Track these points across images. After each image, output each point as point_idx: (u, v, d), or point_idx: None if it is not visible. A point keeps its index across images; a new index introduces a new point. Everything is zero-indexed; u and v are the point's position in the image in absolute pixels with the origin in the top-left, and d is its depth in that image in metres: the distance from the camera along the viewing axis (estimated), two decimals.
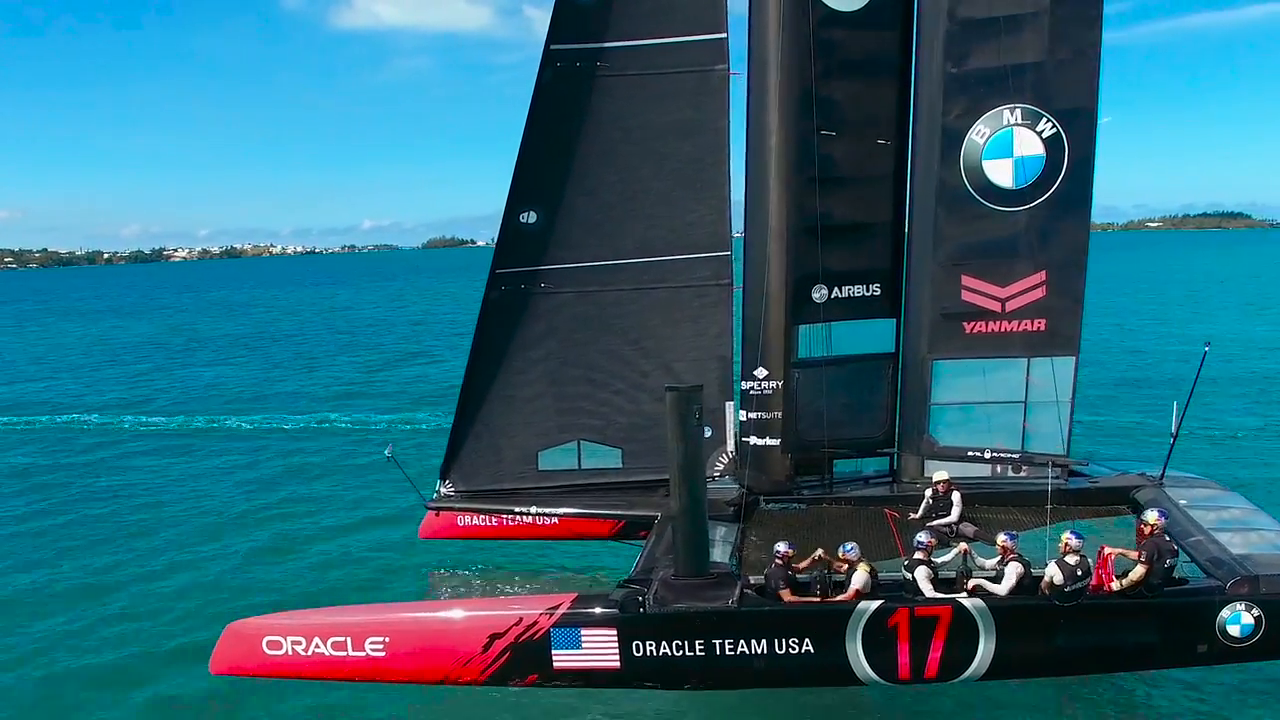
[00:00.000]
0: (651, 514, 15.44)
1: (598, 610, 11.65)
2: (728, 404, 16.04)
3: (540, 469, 16.45)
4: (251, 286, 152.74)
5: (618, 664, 11.53)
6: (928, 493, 14.24)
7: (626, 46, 15.49)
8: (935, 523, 13.71)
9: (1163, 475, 14.79)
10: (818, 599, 11.45)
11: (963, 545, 12.15)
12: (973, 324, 15.37)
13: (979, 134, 15.19)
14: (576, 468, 16.44)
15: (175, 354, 59.42)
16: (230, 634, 12.12)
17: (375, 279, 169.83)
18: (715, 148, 15.75)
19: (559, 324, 16.20)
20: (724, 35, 15.00)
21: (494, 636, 11.67)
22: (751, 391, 15.31)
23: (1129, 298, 75.80)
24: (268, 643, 11.86)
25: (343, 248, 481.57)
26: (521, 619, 11.67)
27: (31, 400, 41.85)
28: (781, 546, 11.64)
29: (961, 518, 13.73)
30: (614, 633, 11.52)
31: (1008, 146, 15.13)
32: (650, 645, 11.47)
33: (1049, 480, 14.17)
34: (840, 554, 11.65)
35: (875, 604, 11.32)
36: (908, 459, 15.90)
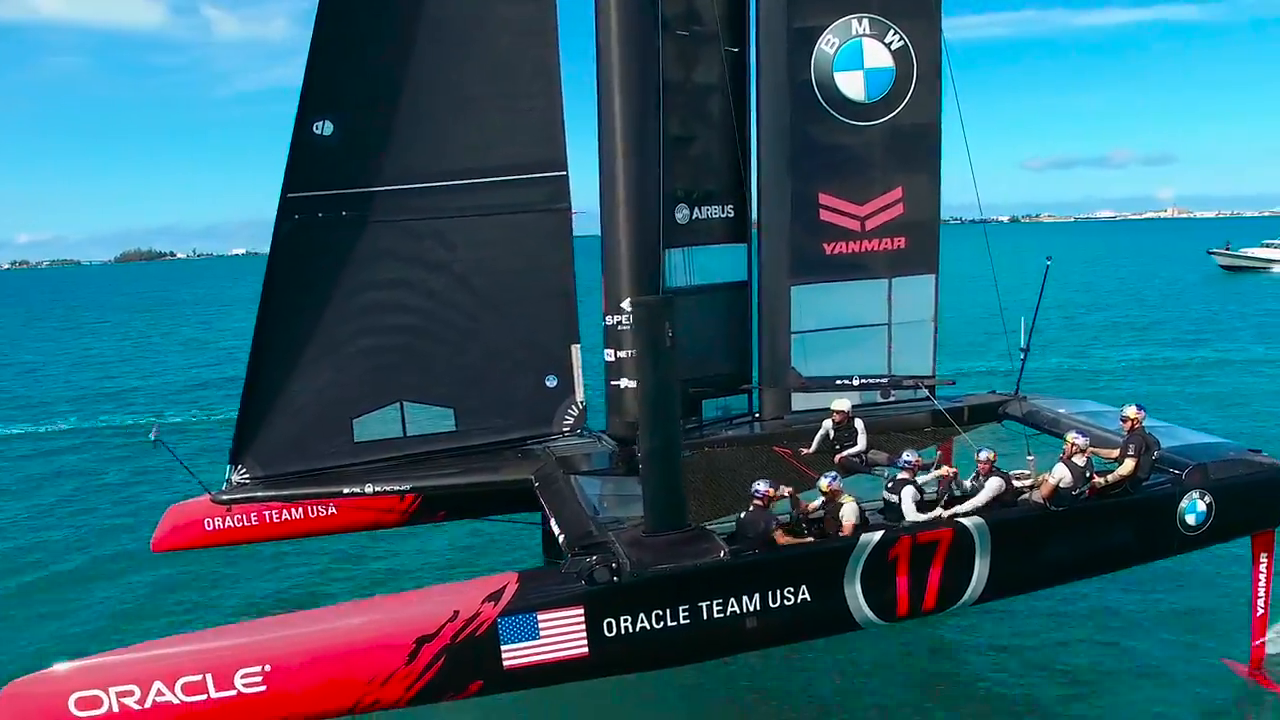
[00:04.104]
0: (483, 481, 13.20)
1: (558, 587, 9.32)
2: (573, 347, 14.03)
3: (357, 440, 13.46)
4: None
5: (586, 650, 9.29)
6: (826, 424, 13.19)
7: None
8: (845, 453, 12.72)
9: (1017, 389, 14.89)
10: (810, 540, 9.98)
11: (945, 470, 11.16)
12: (833, 245, 14.51)
13: (829, 44, 14.28)
14: (402, 435, 13.65)
15: None
16: (11, 700, 8.46)
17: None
18: (542, 46, 13.54)
19: (367, 261, 13.27)
20: None
21: (422, 640, 9.00)
22: (619, 327, 13.40)
23: None
24: (78, 701, 8.38)
25: (14, 264, 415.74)
26: (457, 613, 9.08)
27: None
28: (761, 486, 9.95)
29: (869, 445, 12.82)
30: (580, 612, 9.26)
31: (858, 58, 14.35)
32: (626, 621, 9.34)
33: (934, 402, 13.69)
34: (825, 485, 10.19)
35: (877, 535, 9.99)
36: (771, 394, 14.80)
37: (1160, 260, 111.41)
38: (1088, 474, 10.59)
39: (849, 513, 9.99)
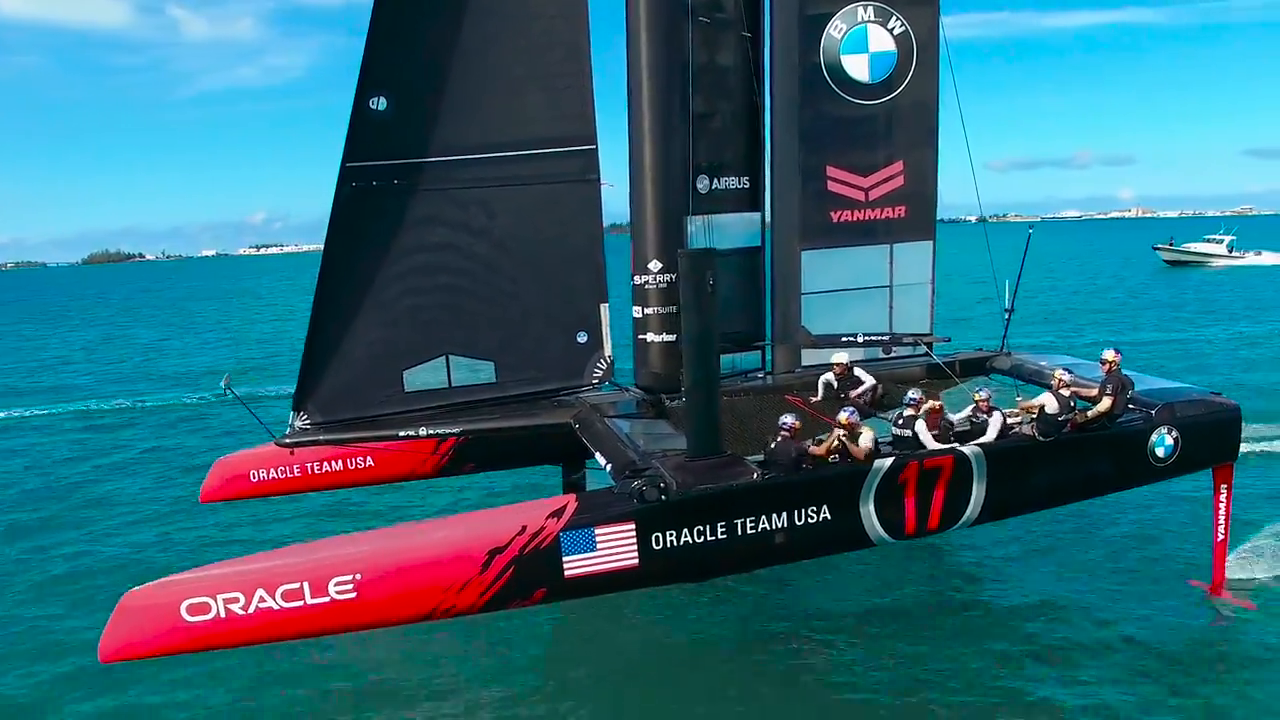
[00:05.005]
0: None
1: (612, 505, 10.64)
2: (602, 306, 15.35)
3: (407, 390, 14.71)
4: None
5: (636, 562, 10.59)
6: (828, 376, 14.59)
7: None
8: (854, 392, 14.11)
9: (1003, 345, 16.37)
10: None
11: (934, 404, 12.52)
12: (839, 213, 15.90)
13: (836, 29, 15.61)
14: (447, 385, 14.91)
15: None
16: (128, 609, 9.51)
17: None
18: (573, 29, 14.80)
19: (416, 225, 14.49)
20: None
21: (494, 552, 10.21)
22: (646, 285, 14.73)
23: None
24: (189, 608, 9.48)
25: None
26: (525, 527, 10.31)
27: None
28: (789, 419, 11.34)
29: (875, 386, 14.24)
30: (632, 527, 10.56)
31: (863, 42, 15.69)
32: (671, 536, 10.66)
33: (933, 356, 15.12)
34: (844, 418, 11.56)
35: (889, 460, 11.40)
36: (782, 350, 16.18)
37: (1114, 256, 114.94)
38: (1072, 404, 12.07)
39: (865, 440, 11.37)
